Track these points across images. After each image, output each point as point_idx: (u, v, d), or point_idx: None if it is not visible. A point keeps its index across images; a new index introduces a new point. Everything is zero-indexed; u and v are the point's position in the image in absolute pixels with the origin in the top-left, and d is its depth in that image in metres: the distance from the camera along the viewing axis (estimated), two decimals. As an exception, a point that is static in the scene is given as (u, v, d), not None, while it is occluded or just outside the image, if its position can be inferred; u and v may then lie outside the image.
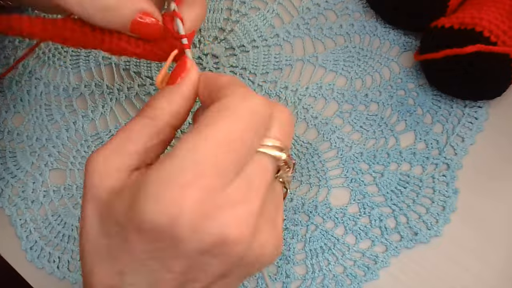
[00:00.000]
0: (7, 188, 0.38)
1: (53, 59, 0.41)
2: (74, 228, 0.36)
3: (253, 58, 0.39)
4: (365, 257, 0.32)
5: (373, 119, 0.36)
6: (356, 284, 0.32)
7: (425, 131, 0.35)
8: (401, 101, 0.36)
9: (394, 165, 0.34)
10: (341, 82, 0.37)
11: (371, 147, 0.35)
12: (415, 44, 0.37)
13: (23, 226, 0.36)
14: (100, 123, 0.39)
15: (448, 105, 0.35)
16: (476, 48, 0.30)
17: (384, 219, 0.33)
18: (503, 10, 0.32)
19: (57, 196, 0.37)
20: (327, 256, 0.32)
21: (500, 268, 0.31)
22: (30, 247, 0.36)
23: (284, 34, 0.39)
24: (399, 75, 0.37)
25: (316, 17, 0.39)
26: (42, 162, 0.38)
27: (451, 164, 0.33)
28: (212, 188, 0.19)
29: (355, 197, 0.34)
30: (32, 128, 0.39)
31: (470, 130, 0.34)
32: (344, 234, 0.33)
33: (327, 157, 0.35)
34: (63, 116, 0.39)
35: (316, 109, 0.36)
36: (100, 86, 0.40)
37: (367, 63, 0.37)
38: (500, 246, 0.31)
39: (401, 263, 0.32)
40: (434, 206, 0.33)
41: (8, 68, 0.38)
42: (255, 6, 0.41)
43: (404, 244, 0.32)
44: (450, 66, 0.32)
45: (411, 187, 0.33)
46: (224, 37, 0.40)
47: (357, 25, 0.38)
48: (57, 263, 0.35)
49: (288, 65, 0.38)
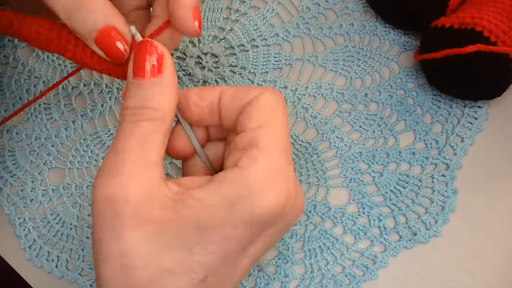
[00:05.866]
0: (6, 187, 0.38)
1: (52, 58, 0.41)
2: (73, 227, 0.35)
3: (252, 57, 0.39)
4: (364, 257, 0.32)
5: (372, 118, 0.35)
6: (355, 284, 0.31)
7: (425, 131, 0.35)
8: (400, 101, 0.36)
9: (393, 165, 0.34)
10: (340, 82, 0.37)
11: (371, 146, 0.35)
12: (415, 43, 0.37)
13: (21, 225, 0.36)
14: (99, 122, 0.39)
15: (448, 105, 0.35)
16: (476, 48, 0.30)
17: (383, 219, 0.33)
18: (503, 10, 0.32)
19: (56, 195, 0.37)
20: (326, 255, 0.32)
21: (500, 268, 0.31)
22: (28, 246, 0.36)
23: (284, 34, 0.39)
24: (398, 75, 0.37)
25: (316, 16, 0.39)
26: (41, 161, 0.38)
27: (451, 164, 0.33)
28: (291, 174, 0.23)
29: (354, 196, 0.34)
30: (31, 127, 0.39)
31: (469, 130, 0.34)
32: (343, 233, 0.33)
33: (326, 156, 0.35)
34: (62, 115, 0.39)
35: (316, 109, 0.36)
36: (99, 85, 0.40)
37: (366, 62, 0.37)
38: (500, 246, 0.31)
39: (400, 263, 0.32)
40: (433, 206, 0.33)
41: (10, 114, 0.38)
42: (254, 5, 0.40)
43: (403, 244, 0.32)
44: (450, 66, 0.32)
45: (410, 187, 0.33)
46: (224, 36, 0.40)
47: (357, 24, 0.38)
48: (56, 262, 0.35)
49: (287, 65, 0.38)
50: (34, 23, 0.24)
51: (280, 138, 0.23)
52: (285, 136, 0.23)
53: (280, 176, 0.22)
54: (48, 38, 0.24)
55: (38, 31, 0.24)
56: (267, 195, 0.21)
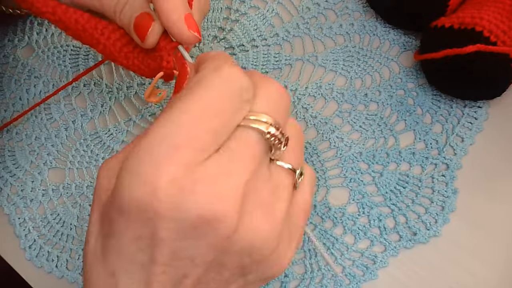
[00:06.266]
0: (6, 187, 0.38)
1: (52, 58, 0.41)
2: (73, 227, 0.36)
3: (252, 57, 0.39)
4: (364, 257, 0.32)
5: (372, 118, 0.35)
6: (355, 284, 0.31)
7: (425, 131, 0.35)
8: (400, 101, 0.36)
9: (393, 165, 0.34)
10: (340, 82, 0.37)
11: (371, 146, 0.35)
12: (415, 43, 0.37)
13: (21, 225, 0.36)
14: (99, 122, 0.39)
15: (448, 105, 0.35)
16: (476, 48, 0.30)
17: (383, 219, 0.33)
18: (503, 10, 0.32)
19: (56, 195, 0.37)
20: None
21: (499, 268, 0.31)
22: (28, 245, 0.36)
23: (284, 34, 0.39)
24: (398, 75, 0.37)
25: (316, 16, 0.39)
26: (41, 161, 0.38)
27: (451, 164, 0.33)
28: (188, 161, 0.18)
29: (354, 196, 0.34)
30: (31, 127, 0.39)
31: (469, 130, 0.34)
32: (343, 233, 0.33)
33: (326, 156, 0.35)
34: (62, 115, 0.39)
35: (316, 109, 0.36)
36: (99, 85, 0.40)
37: (366, 62, 0.37)
38: (499, 246, 0.31)
39: (400, 263, 0.32)
40: (433, 206, 0.33)
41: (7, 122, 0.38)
42: (254, 5, 0.40)
43: (403, 244, 0.32)
44: (450, 66, 0.32)
45: (410, 187, 0.33)
46: (224, 36, 0.40)
47: (357, 24, 0.38)
48: (56, 262, 0.35)
49: (287, 65, 0.38)
50: (75, 13, 0.26)
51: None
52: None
53: (161, 164, 0.18)
54: (84, 29, 0.26)
55: (77, 21, 0.26)
56: (129, 178, 0.19)
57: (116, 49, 0.26)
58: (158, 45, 0.26)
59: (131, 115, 0.38)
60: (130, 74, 0.39)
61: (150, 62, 0.26)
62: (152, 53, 0.26)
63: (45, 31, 0.42)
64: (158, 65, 0.26)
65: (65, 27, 0.27)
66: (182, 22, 0.24)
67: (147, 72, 0.27)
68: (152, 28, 0.25)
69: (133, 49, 0.27)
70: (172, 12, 0.24)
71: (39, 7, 0.26)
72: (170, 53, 0.25)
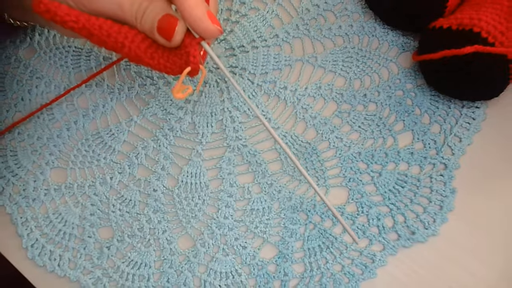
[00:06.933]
0: (8, 186, 0.38)
1: (54, 59, 0.41)
2: (74, 226, 0.36)
3: (252, 58, 0.39)
4: (362, 256, 0.32)
5: (371, 119, 0.36)
6: (354, 282, 0.32)
7: (423, 131, 0.35)
8: (399, 101, 0.36)
9: (392, 165, 0.34)
10: (340, 83, 0.37)
11: (369, 146, 0.35)
12: (414, 44, 0.37)
13: (24, 224, 0.37)
14: (101, 122, 0.39)
15: (446, 105, 0.35)
16: (474, 49, 0.31)
17: (382, 218, 0.33)
18: (501, 12, 0.32)
19: (58, 194, 0.37)
20: (325, 254, 0.33)
21: (498, 267, 0.31)
22: (31, 245, 0.36)
23: (284, 35, 0.39)
24: (397, 76, 0.37)
25: (315, 18, 0.40)
26: (43, 161, 0.38)
27: (449, 164, 0.34)
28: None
29: (353, 196, 0.34)
30: (33, 127, 0.39)
31: (467, 130, 0.35)
32: (342, 233, 0.33)
33: (326, 156, 0.35)
34: (64, 115, 0.39)
35: (315, 109, 0.37)
36: (101, 85, 0.40)
37: (365, 63, 0.38)
38: (497, 245, 0.32)
39: (398, 262, 0.32)
40: (432, 206, 0.33)
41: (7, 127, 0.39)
42: (254, 7, 0.41)
43: (401, 243, 0.32)
44: (448, 66, 0.33)
45: (408, 187, 0.33)
46: (224, 37, 0.40)
47: (356, 26, 0.39)
48: (58, 261, 0.35)
49: (287, 66, 0.38)
50: (98, 20, 0.27)
51: None
52: None
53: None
54: (109, 34, 0.27)
55: (101, 27, 0.27)
56: None
57: (141, 51, 0.28)
58: (182, 42, 0.27)
59: (132, 115, 0.39)
60: (132, 75, 0.40)
61: (176, 59, 0.28)
62: (176, 51, 0.28)
63: (47, 32, 0.42)
64: (185, 61, 0.27)
65: (89, 34, 0.27)
66: (206, 17, 0.26)
67: (174, 69, 0.28)
68: (177, 27, 0.26)
69: (157, 49, 0.28)
70: (196, 9, 0.26)
71: (62, 15, 0.27)
72: (195, 48, 0.27)
